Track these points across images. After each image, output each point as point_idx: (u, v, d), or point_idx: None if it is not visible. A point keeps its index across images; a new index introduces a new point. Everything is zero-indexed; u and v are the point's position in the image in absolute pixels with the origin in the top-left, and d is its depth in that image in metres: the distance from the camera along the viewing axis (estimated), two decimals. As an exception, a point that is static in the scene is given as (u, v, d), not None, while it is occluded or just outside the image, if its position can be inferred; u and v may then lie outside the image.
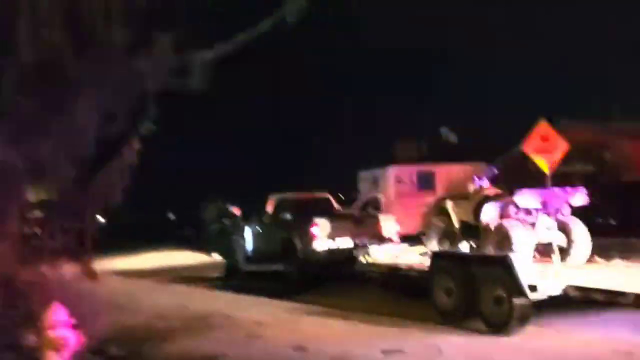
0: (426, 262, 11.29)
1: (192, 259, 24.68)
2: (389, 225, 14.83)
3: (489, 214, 10.05)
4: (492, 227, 9.87)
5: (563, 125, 25.47)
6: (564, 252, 9.53)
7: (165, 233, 35.36)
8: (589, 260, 9.59)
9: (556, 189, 9.75)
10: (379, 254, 12.27)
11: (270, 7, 9.80)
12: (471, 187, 10.89)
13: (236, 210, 17.14)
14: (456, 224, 10.68)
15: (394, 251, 12.59)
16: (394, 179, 23.50)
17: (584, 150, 23.41)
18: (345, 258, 14.11)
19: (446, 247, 10.84)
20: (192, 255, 26.03)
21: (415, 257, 12.41)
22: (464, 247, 10.61)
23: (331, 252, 14.28)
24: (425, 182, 23.84)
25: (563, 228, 9.67)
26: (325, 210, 16.53)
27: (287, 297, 12.88)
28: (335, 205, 17.17)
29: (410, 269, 10.97)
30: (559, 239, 9.58)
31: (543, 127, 14.26)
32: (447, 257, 9.79)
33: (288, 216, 16.04)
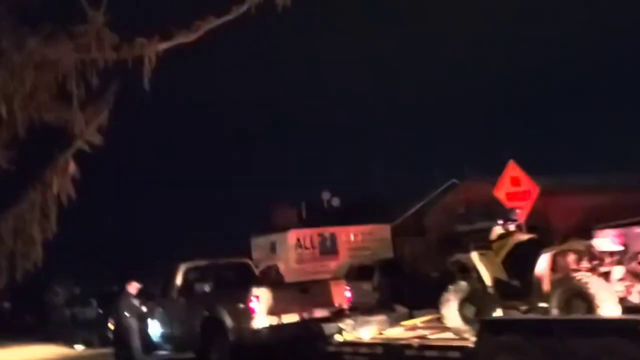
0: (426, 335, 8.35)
1: (47, 354, 19.46)
2: (340, 293, 11.68)
3: (542, 265, 7.42)
4: (552, 282, 7.23)
5: (468, 182, 24.34)
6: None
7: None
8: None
9: (637, 228, 7.36)
10: (362, 330, 9.10)
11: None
12: (495, 233, 8.22)
13: (132, 287, 13.00)
14: (488, 282, 7.88)
15: (373, 324, 9.48)
16: (295, 244, 20.46)
17: (488, 207, 22.21)
18: (293, 337, 10.73)
19: (470, 313, 8.00)
20: (45, 349, 20.69)
21: (399, 331, 9.42)
22: (499, 312, 7.84)
23: (275, 331, 10.77)
24: (327, 246, 21.12)
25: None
26: (248, 279, 13.04)
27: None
28: (256, 272, 13.72)
29: (422, 346, 7.93)
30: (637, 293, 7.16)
31: (512, 169, 12.29)
32: (515, 327, 6.87)
33: (207, 288, 12.33)
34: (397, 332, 9.26)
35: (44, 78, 5.34)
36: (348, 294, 11.86)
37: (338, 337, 9.12)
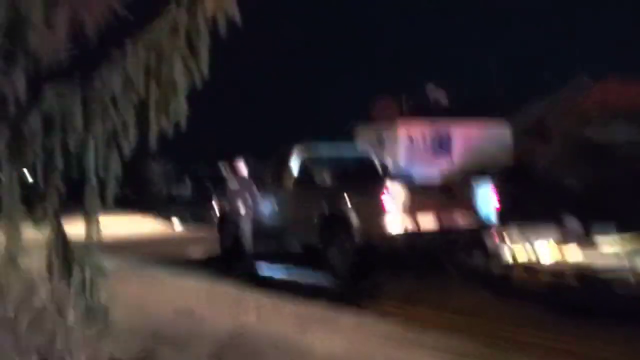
0: None
1: (148, 228, 18.69)
2: (487, 198, 9.65)
3: None
4: None
5: (610, 83, 21.21)
6: None
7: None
8: None
9: None
10: (538, 249, 7.15)
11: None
12: None
13: (241, 167, 11.27)
14: None
15: (544, 242, 7.50)
16: (405, 138, 18.42)
17: (629, 111, 19.28)
18: (433, 246, 8.93)
19: None
20: (144, 221, 20.00)
21: (577, 253, 7.41)
22: None
23: (411, 236, 8.96)
24: (441, 143, 19.02)
25: None
26: (374, 173, 11.21)
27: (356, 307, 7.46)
28: (380, 168, 11.77)
29: None
30: None
31: None
32: None
33: (327, 179, 10.57)
34: (578, 255, 7.25)
35: None
36: (497, 202, 9.79)
37: (507, 256, 7.18)
